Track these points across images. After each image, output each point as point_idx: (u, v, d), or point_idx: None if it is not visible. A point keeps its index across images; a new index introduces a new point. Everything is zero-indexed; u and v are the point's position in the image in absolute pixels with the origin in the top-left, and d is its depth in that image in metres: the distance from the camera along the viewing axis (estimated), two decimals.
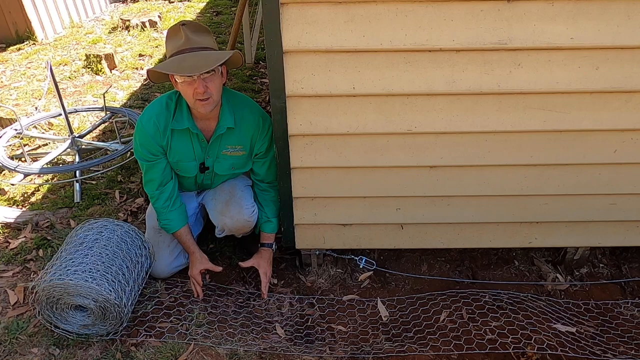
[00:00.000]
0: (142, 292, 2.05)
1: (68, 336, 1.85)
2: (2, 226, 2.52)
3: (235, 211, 2.05)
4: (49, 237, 2.41)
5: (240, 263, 2.13)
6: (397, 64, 1.59)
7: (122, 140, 3.10)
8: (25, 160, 2.96)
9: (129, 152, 2.93)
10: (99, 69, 4.43)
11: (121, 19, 5.64)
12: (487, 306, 2.04)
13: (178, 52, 1.74)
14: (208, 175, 2.09)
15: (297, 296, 2.13)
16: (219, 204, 2.08)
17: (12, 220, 2.55)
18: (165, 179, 2.01)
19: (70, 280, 1.72)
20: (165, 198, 2.02)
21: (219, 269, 2.12)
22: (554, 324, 1.94)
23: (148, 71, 1.80)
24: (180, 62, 1.71)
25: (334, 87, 1.63)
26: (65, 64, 4.69)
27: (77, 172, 2.80)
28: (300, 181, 1.89)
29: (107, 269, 1.80)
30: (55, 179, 2.94)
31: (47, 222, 2.53)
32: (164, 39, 5.21)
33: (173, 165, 2.01)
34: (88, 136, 3.26)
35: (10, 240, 2.42)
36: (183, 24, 1.76)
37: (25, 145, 3.20)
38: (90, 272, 1.76)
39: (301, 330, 1.96)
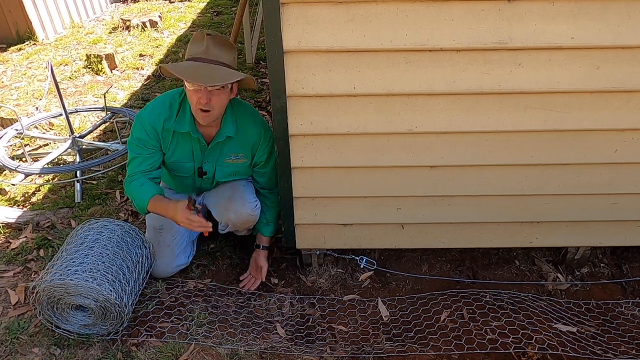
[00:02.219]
0: (142, 292, 2.05)
1: (69, 336, 1.85)
2: (3, 226, 2.53)
3: (238, 206, 2.06)
4: (49, 237, 2.41)
5: (240, 277, 2.19)
6: (397, 64, 1.59)
7: (122, 140, 3.10)
8: (26, 161, 2.96)
9: None
10: (100, 69, 4.43)
11: (122, 19, 5.64)
12: (487, 306, 2.04)
13: (194, 58, 1.78)
14: (207, 180, 2.10)
15: (297, 296, 2.13)
16: (222, 200, 2.10)
17: (13, 220, 2.55)
18: (149, 171, 1.98)
19: (71, 280, 1.72)
20: (140, 183, 1.96)
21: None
22: (555, 323, 1.94)
23: (160, 67, 1.84)
24: (191, 69, 1.75)
25: (334, 87, 1.63)
26: (66, 64, 4.69)
27: (78, 172, 2.81)
28: (300, 181, 1.89)
29: (108, 269, 1.80)
30: (56, 179, 2.94)
31: (48, 222, 2.53)
32: (165, 39, 5.25)
33: (170, 164, 2.02)
34: (89, 136, 3.27)
35: (11, 240, 2.42)
36: (209, 34, 1.80)
37: (26, 145, 3.20)
38: (90, 272, 1.76)
39: (302, 330, 1.96)
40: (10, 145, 3.16)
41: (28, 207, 2.71)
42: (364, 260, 2.18)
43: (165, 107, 1.91)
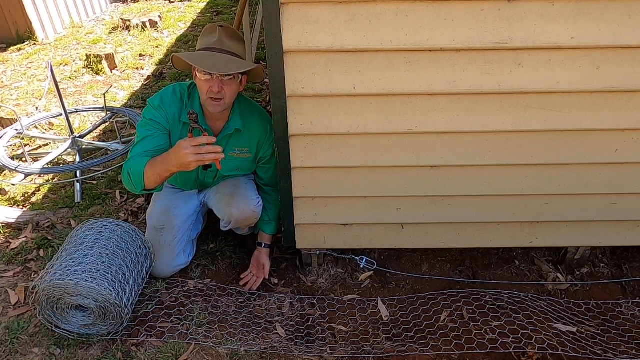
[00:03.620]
0: (142, 292, 2.05)
1: (69, 336, 1.85)
2: (3, 226, 2.52)
3: (241, 202, 2.06)
4: (49, 237, 2.41)
5: (241, 276, 2.19)
6: (397, 64, 1.59)
7: (122, 140, 3.10)
8: (26, 161, 2.96)
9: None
10: (100, 69, 4.43)
11: (122, 19, 5.64)
12: (487, 306, 2.04)
13: (206, 48, 1.82)
14: (210, 173, 2.10)
15: (297, 296, 2.13)
16: (225, 197, 2.10)
17: (13, 220, 2.55)
18: (151, 151, 1.88)
19: (71, 280, 1.72)
20: (136, 160, 1.85)
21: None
22: (555, 323, 1.94)
23: (173, 56, 1.86)
24: (204, 57, 1.78)
25: (334, 87, 1.63)
26: (66, 64, 4.69)
27: (78, 172, 2.81)
28: (300, 181, 1.89)
29: (107, 269, 1.80)
30: (56, 179, 2.94)
31: (48, 222, 2.53)
32: (165, 39, 5.25)
33: None
34: (89, 136, 3.27)
35: (11, 241, 2.42)
36: (221, 25, 1.84)
37: (26, 145, 3.20)
38: (90, 272, 1.76)
39: (302, 330, 1.96)
40: (10, 145, 3.16)
41: (28, 207, 2.71)
42: (364, 260, 2.18)
43: (176, 97, 1.94)
